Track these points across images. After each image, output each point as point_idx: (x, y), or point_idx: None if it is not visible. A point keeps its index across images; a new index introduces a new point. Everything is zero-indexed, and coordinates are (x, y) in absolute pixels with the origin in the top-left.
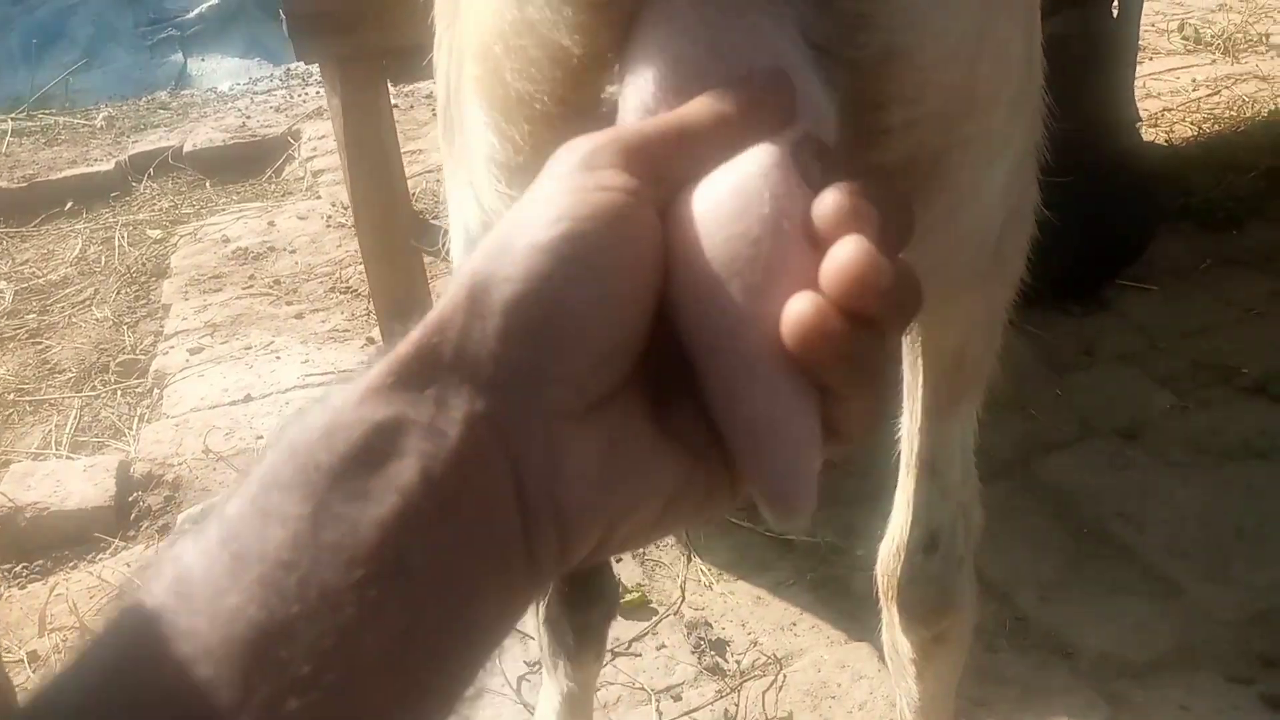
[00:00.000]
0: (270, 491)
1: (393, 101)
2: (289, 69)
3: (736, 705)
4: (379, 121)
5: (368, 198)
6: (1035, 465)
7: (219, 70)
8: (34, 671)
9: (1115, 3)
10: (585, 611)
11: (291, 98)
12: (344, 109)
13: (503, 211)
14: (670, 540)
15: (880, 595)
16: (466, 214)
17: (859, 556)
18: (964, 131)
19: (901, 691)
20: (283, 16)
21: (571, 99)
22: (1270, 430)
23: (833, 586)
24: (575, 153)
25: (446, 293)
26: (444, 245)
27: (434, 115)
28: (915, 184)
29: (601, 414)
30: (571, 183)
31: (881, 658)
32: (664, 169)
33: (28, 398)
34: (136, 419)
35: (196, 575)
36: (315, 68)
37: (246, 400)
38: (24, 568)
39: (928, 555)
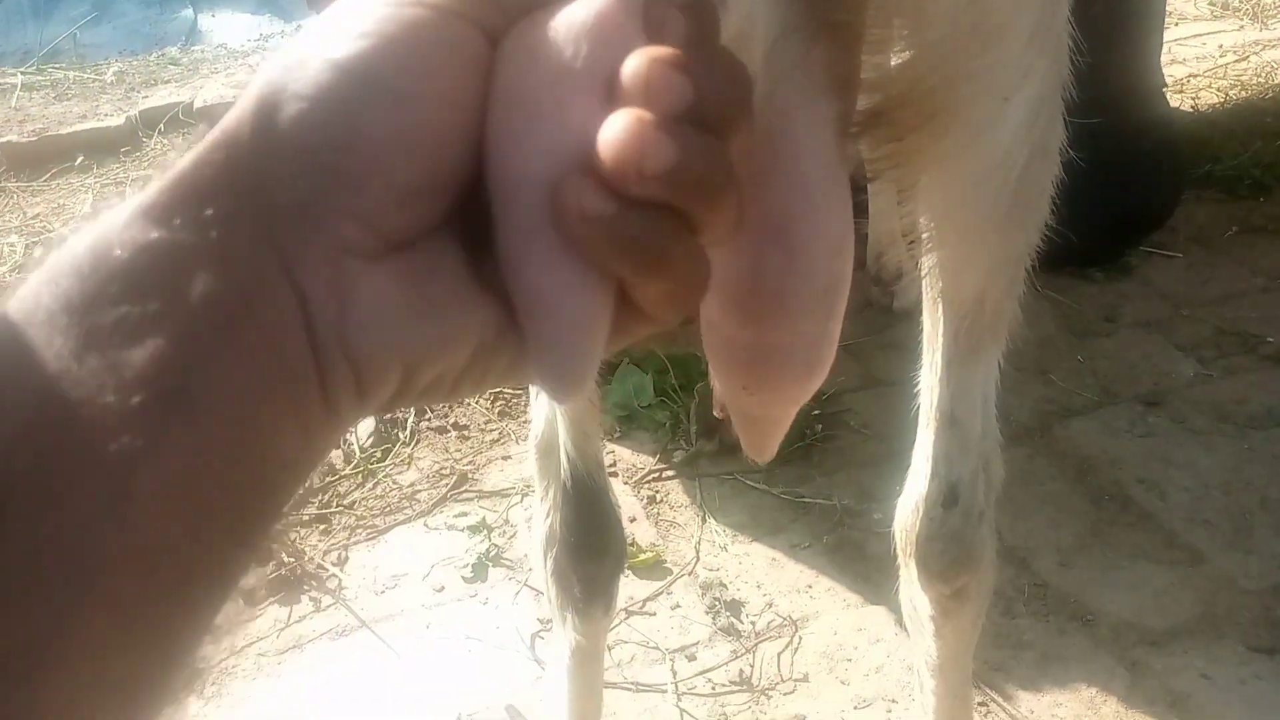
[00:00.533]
0: (33, 325)
1: None
2: (300, 25)
3: (752, 666)
4: None
5: None
6: (1056, 431)
7: (230, 26)
8: None
9: None
10: (592, 564)
11: None
12: None
13: None
14: (685, 501)
15: (899, 551)
16: None
17: (875, 520)
18: (974, 63)
19: (919, 650)
20: None
21: None
22: None
23: (849, 549)
24: None
25: (236, 105)
26: None
27: None
28: (924, 117)
29: (405, 254)
30: None
31: (898, 622)
32: None
33: None
34: None
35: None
36: None
37: None
38: None
39: (947, 510)
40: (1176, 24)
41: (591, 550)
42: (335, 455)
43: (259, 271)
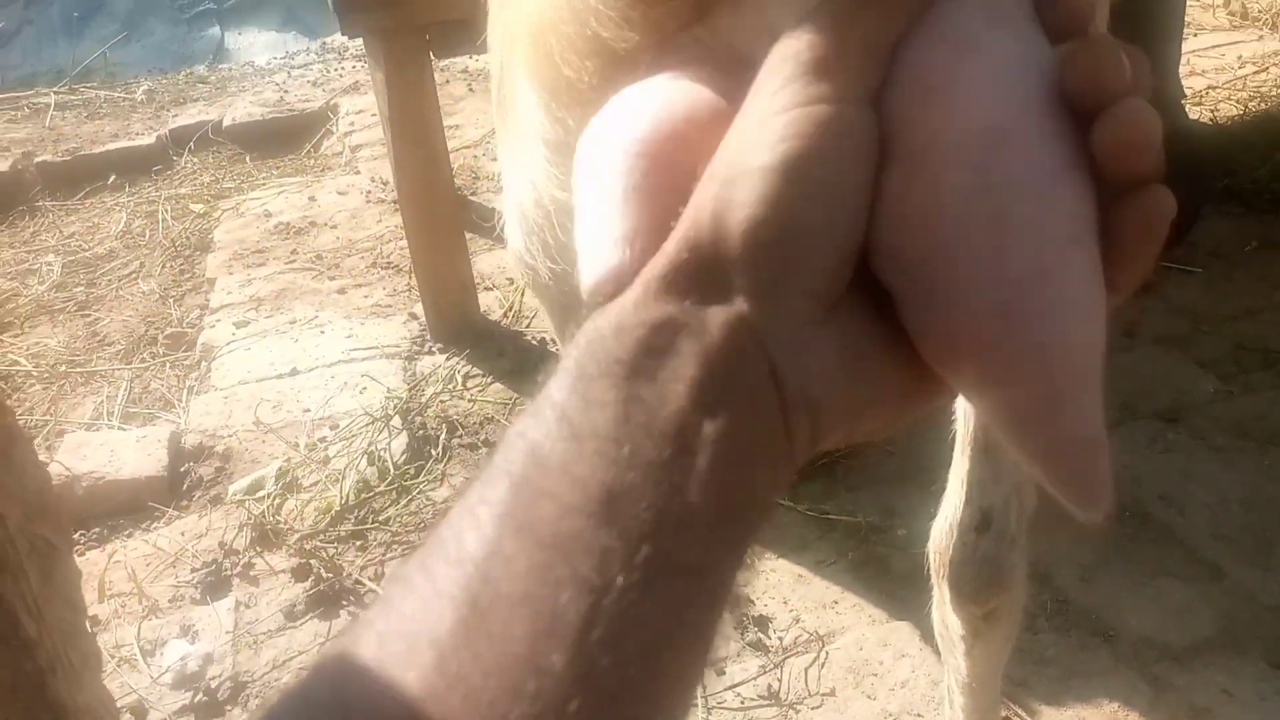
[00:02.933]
0: (583, 380)
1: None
2: (325, 42)
3: (780, 680)
4: (423, 96)
5: (411, 173)
6: None
7: (256, 44)
8: (95, 635)
9: None
10: None
11: (328, 72)
12: (388, 84)
13: (553, 191)
14: None
15: (932, 573)
16: (520, 192)
17: (900, 536)
18: None
19: (950, 669)
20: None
21: (621, 82)
22: None
23: (874, 566)
24: (785, 64)
25: (686, 217)
26: (499, 222)
27: (469, 90)
28: None
29: (835, 317)
30: (787, 99)
31: (923, 637)
32: (867, 60)
33: (79, 369)
34: (186, 391)
35: (545, 449)
36: (351, 41)
37: (293, 374)
38: (81, 535)
39: (980, 534)
40: (1195, 35)
41: None
42: (370, 472)
43: (737, 345)
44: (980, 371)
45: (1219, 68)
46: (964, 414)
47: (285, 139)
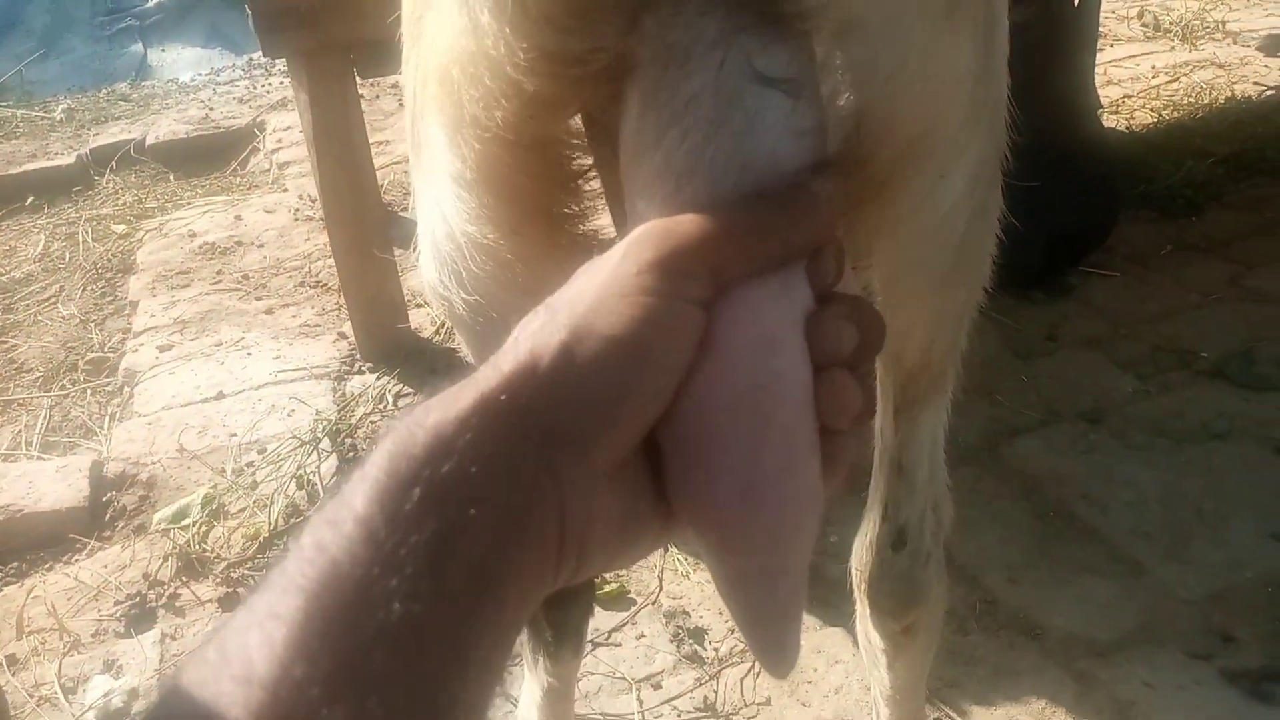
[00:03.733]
0: (390, 492)
1: (359, 93)
2: (251, 59)
3: (715, 692)
4: (347, 115)
5: (337, 192)
6: (1002, 450)
7: (180, 60)
8: (13, 674)
9: None
10: (563, 610)
11: (255, 88)
12: (311, 103)
13: (463, 226)
14: None
15: (854, 588)
16: (432, 225)
17: (831, 543)
18: (912, 148)
19: (874, 680)
20: (248, 11)
21: (525, 128)
22: (1228, 412)
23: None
24: (650, 248)
25: (525, 348)
26: (414, 252)
27: (400, 105)
28: (867, 194)
29: (621, 474)
30: (647, 282)
31: (855, 643)
32: (721, 270)
33: None
34: (108, 418)
35: (341, 559)
36: (280, 59)
37: (219, 397)
38: None
39: (896, 551)
40: (1111, 45)
41: (560, 597)
42: (299, 496)
43: (539, 484)
44: (723, 539)
45: (1134, 77)
46: (878, 435)
47: (211, 157)
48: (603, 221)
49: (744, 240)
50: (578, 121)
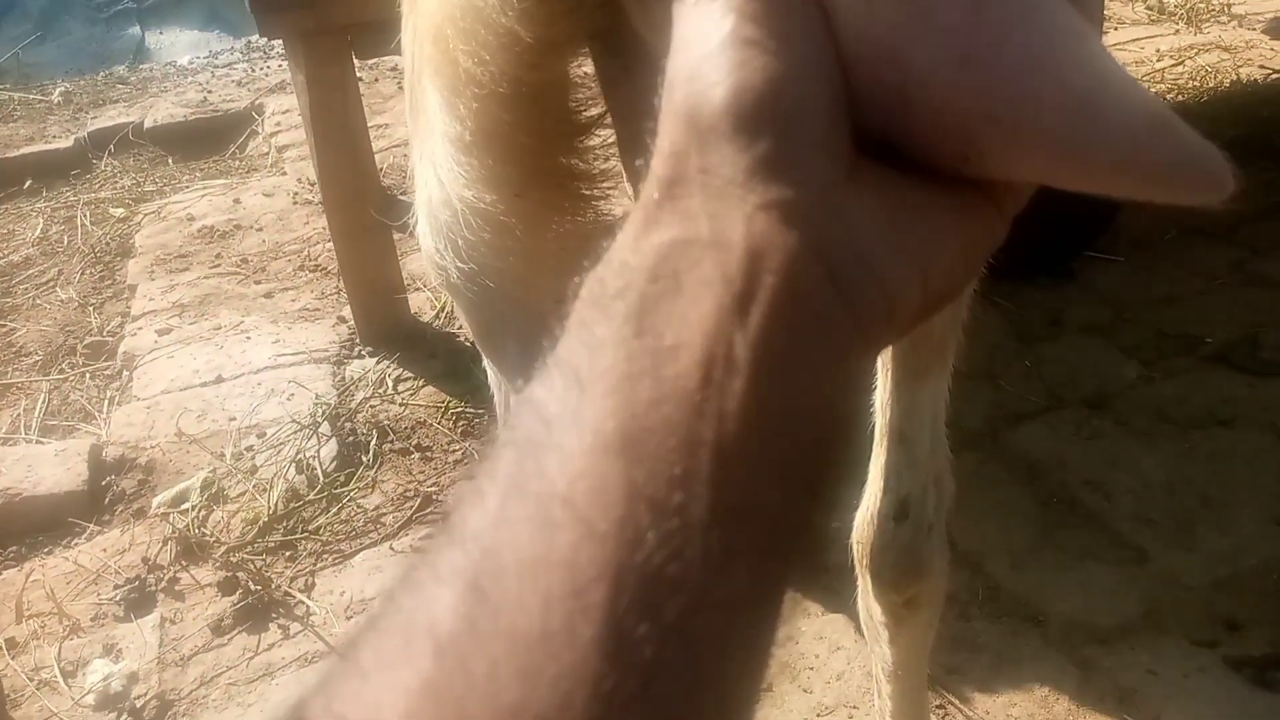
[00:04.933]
0: (586, 328)
1: (357, 75)
2: (249, 41)
3: None
4: (345, 97)
5: (335, 175)
6: (1005, 435)
7: (178, 43)
8: (13, 658)
9: None
10: None
11: (253, 71)
12: (309, 85)
13: (460, 190)
14: None
15: (855, 562)
16: (430, 189)
17: (834, 529)
18: None
19: (876, 656)
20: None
21: (525, 78)
22: (1232, 398)
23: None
24: None
25: (660, 130)
26: (411, 221)
27: (399, 88)
28: None
29: (857, 175)
30: None
31: (857, 629)
32: None
33: None
34: (106, 401)
35: (550, 408)
36: (278, 40)
37: (218, 381)
38: None
39: (899, 523)
40: (1116, 28)
41: None
42: (299, 481)
43: (763, 238)
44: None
45: (1138, 60)
46: (880, 407)
47: (209, 140)
48: (606, 185)
49: None
50: (583, 68)
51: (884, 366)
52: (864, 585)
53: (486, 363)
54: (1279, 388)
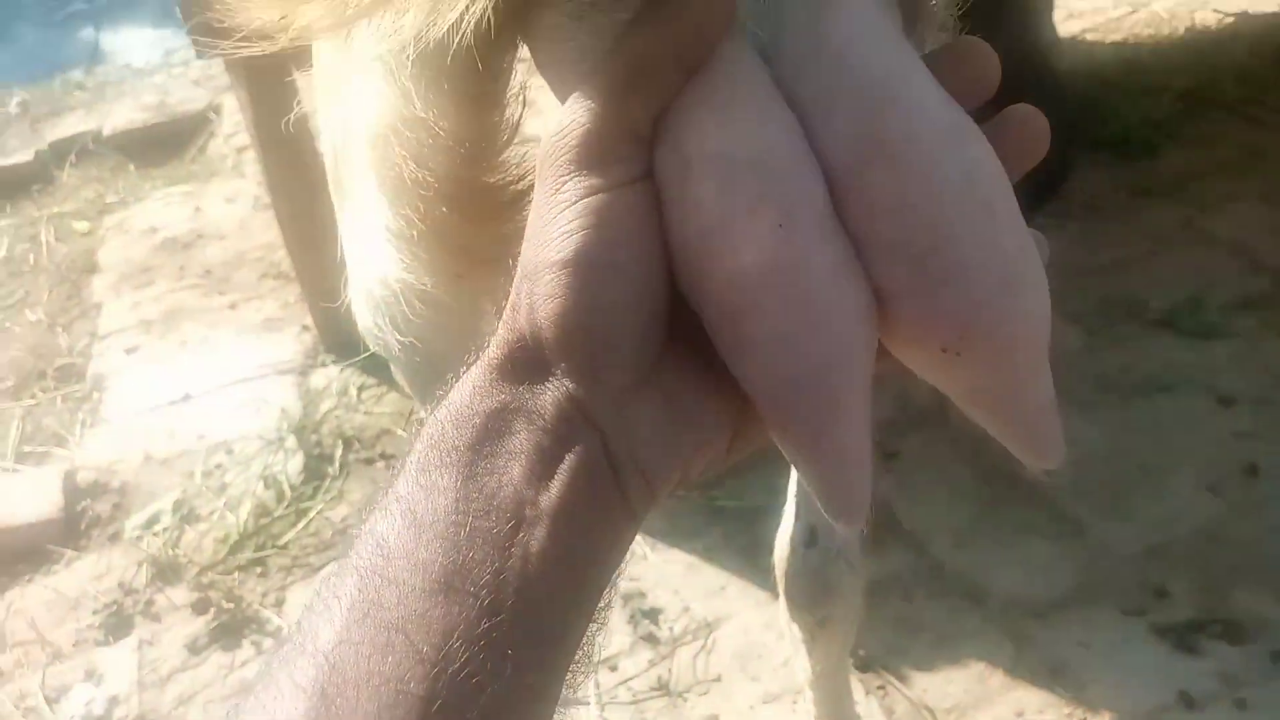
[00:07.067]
0: (425, 472)
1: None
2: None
3: (670, 671)
4: (288, 112)
5: (285, 188)
6: (951, 413)
7: (134, 43)
8: None
9: None
10: None
11: (210, 68)
12: (252, 102)
13: (399, 274)
14: None
15: (777, 582)
16: (366, 271)
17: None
18: None
19: (798, 663)
20: (178, 10)
21: (468, 177)
22: (1175, 363)
23: (761, 548)
24: (561, 156)
25: (506, 312)
26: (345, 295)
27: None
28: None
29: (656, 378)
30: (569, 193)
31: None
32: (635, 143)
33: None
34: (78, 425)
35: (391, 541)
36: None
37: (186, 399)
38: None
39: (808, 548)
40: None
41: None
42: (268, 496)
43: (566, 420)
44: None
45: (1095, 9)
46: None
47: (169, 144)
48: None
49: (635, 77)
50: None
51: None
52: (781, 603)
53: (423, 413)
54: (1220, 349)
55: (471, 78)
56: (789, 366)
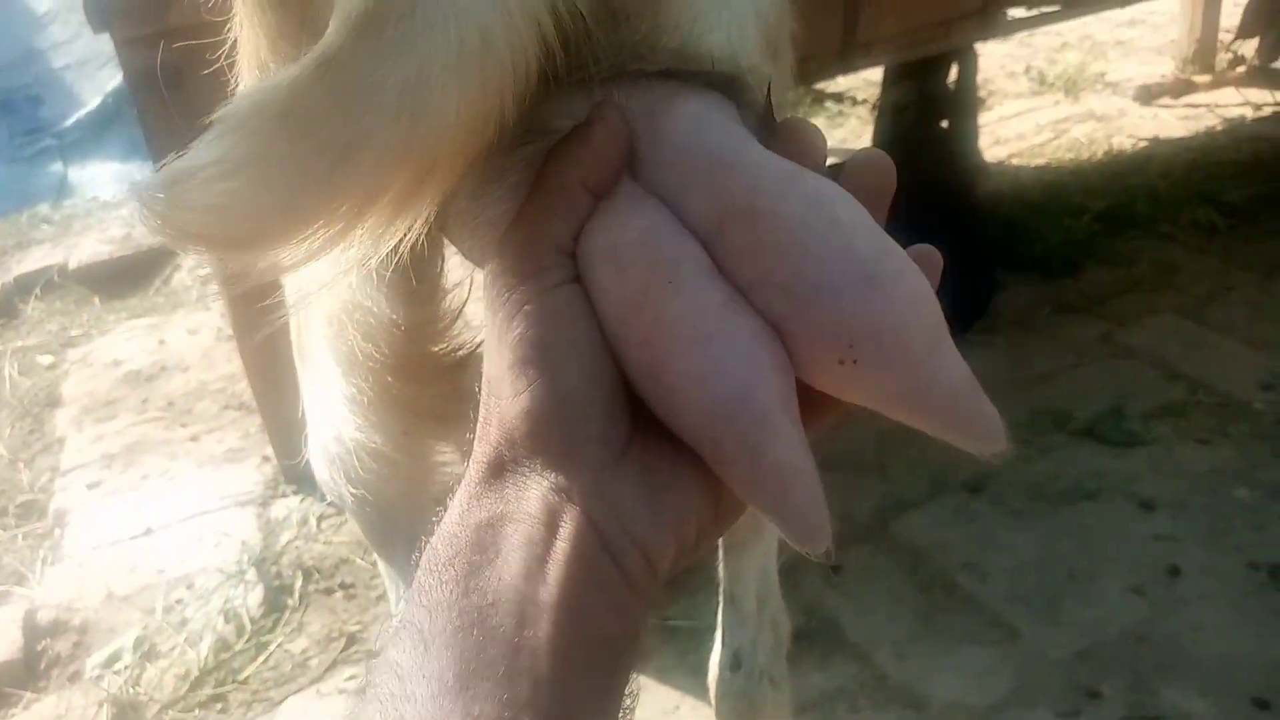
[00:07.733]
0: (425, 593)
1: None
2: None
3: None
4: None
5: (248, 320)
6: (892, 526)
7: (101, 176)
8: None
9: (954, 67)
10: None
11: None
12: None
13: (352, 434)
14: None
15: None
16: (322, 429)
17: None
18: None
19: None
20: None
21: (411, 354)
22: (1098, 470)
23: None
24: (500, 273)
25: (481, 421)
26: (304, 453)
27: None
28: None
29: (631, 453)
30: (507, 309)
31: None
32: (558, 254)
33: None
34: (39, 562)
35: (403, 664)
36: None
37: (147, 534)
38: None
39: (734, 672)
40: (1001, 103)
41: None
42: (228, 630)
43: (553, 512)
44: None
45: (1019, 135)
46: (719, 565)
47: (134, 277)
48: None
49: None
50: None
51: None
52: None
53: (378, 559)
54: (1140, 457)
55: (407, 281)
56: (708, 400)
